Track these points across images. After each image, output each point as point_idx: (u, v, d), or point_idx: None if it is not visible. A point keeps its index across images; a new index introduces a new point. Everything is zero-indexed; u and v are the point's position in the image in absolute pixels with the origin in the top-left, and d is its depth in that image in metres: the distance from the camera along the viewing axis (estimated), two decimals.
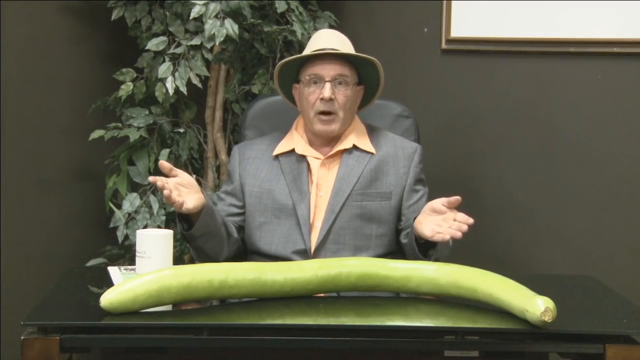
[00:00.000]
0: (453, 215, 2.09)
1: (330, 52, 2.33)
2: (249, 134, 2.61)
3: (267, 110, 2.63)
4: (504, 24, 3.04)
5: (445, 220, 2.09)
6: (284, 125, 2.48)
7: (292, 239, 2.33)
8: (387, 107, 2.59)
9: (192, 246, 2.31)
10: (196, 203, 2.17)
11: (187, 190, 2.16)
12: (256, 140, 2.50)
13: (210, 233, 2.26)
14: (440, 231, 2.08)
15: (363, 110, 2.47)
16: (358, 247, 2.33)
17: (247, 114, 2.64)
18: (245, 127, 2.63)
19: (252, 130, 2.61)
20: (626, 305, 2.00)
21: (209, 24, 2.75)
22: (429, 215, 2.14)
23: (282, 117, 2.54)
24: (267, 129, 2.57)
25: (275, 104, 2.61)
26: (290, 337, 1.78)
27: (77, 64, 3.12)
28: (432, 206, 2.13)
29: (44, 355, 1.71)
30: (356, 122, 2.43)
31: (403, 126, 2.60)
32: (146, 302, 1.79)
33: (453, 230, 2.05)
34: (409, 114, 2.63)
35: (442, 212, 2.11)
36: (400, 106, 2.64)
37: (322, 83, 2.32)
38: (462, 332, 1.79)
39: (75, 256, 3.06)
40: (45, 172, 3.09)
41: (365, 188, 2.36)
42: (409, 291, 1.97)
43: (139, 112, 2.96)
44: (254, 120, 2.63)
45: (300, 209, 2.33)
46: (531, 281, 1.86)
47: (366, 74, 2.39)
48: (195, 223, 2.21)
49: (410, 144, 2.46)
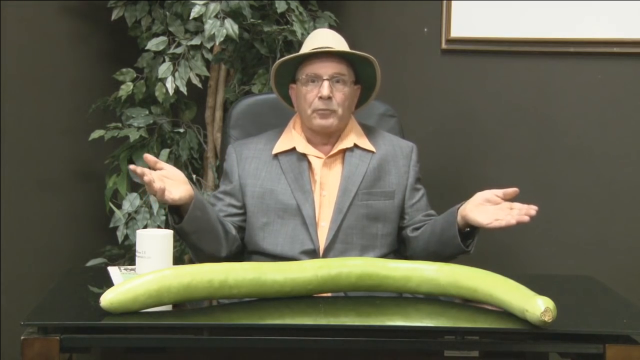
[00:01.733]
0: (508, 205, 2.13)
1: (328, 50, 2.33)
2: (235, 133, 2.59)
3: (251, 110, 2.62)
4: (504, 24, 3.04)
5: (501, 209, 2.13)
6: (270, 125, 2.48)
7: (298, 239, 2.33)
8: (371, 106, 2.58)
9: (187, 244, 2.29)
10: (182, 194, 2.13)
11: (172, 182, 2.13)
12: (251, 139, 2.48)
13: (204, 229, 2.24)
14: (498, 218, 2.11)
15: (359, 110, 2.47)
16: (365, 247, 2.34)
17: (232, 114, 2.62)
18: (231, 126, 2.61)
19: (237, 130, 2.59)
20: (626, 305, 2.00)
21: (209, 24, 2.76)
22: (481, 204, 2.16)
23: (266, 117, 2.55)
24: (252, 129, 2.56)
25: (259, 104, 2.61)
26: (290, 337, 1.78)
27: (77, 64, 3.13)
28: (485, 196, 2.16)
29: (44, 355, 1.70)
30: (353, 122, 2.43)
31: (388, 125, 2.60)
32: (146, 302, 1.79)
33: (519, 216, 2.08)
34: (393, 113, 2.64)
35: (496, 203, 2.14)
36: (384, 105, 2.64)
37: (319, 81, 2.32)
38: (462, 332, 1.79)
39: (75, 256, 3.06)
40: (45, 172, 3.09)
41: (370, 187, 2.36)
42: (409, 291, 1.97)
43: (139, 112, 2.96)
44: (238, 120, 2.61)
45: (306, 208, 2.33)
46: (531, 281, 1.86)
47: (363, 73, 2.39)
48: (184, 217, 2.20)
49: (406, 142, 2.47)
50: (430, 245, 2.30)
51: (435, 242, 2.29)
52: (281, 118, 2.48)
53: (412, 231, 2.39)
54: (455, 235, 2.21)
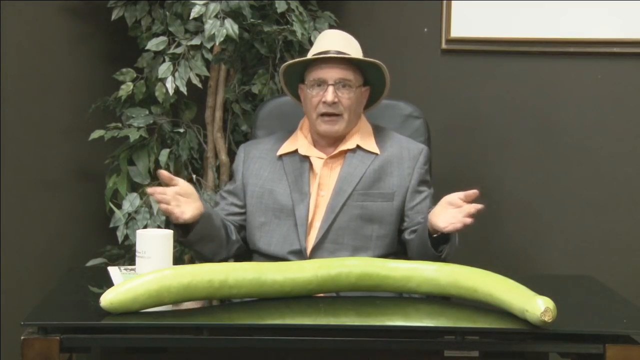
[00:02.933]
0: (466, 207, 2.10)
1: (333, 55, 2.32)
2: (260, 134, 2.61)
3: (278, 111, 2.64)
4: (504, 24, 3.04)
5: (461, 212, 2.10)
6: (295, 126, 2.48)
7: (289, 239, 2.33)
8: (397, 108, 2.60)
9: (191, 249, 2.32)
10: (194, 212, 2.19)
11: (186, 200, 2.17)
12: (262, 139, 2.51)
13: (208, 237, 2.27)
14: (453, 222, 2.09)
15: (370, 110, 2.47)
16: (357, 248, 2.33)
17: (258, 115, 2.65)
18: (257, 127, 2.63)
19: (262, 130, 2.63)
20: (626, 305, 2.00)
21: (209, 24, 2.75)
22: (445, 208, 2.14)
23: (292, 118, 2.54)
24: (277, 129, 2.57)
25: (285, 105, 2.61)
26: (290, 337, 1.78)
27: (77, 64, 3.12)
28: (448, 199, 2.14)
29: (44, 355, 1.71)
30: (362, 123, 2.43)
31: (413, 127, 2.60)
32: (146, 302, 1.79)
33: (462, 218, 2.07)
34: (419, 115, 2.63)
35: (458, 205, 2.11)
36: (411, 106, 2.63)
37: (325, 86, 2.32)
38: (462, 332, 1.79)
39: (75, 256, 3.06)
40: (45, 172, 3.09)
41: (367, 188, 2.36)
42: (409, 291, 1.97)
43: (139, 112, 2.96)
44: (264, 120, 2.64)
45: (299, 209, 2.33)
46: (531, 281, 1.86)
47: (371, 75, 2.39)
48: (192, 230, 2.22)
49: (417, 145, 2.46)
50: (419, 248, 2.27)
51: (419, 246, 2.26)
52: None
53: (409, 234, 2.36)
54: (426, 239, 2.20)
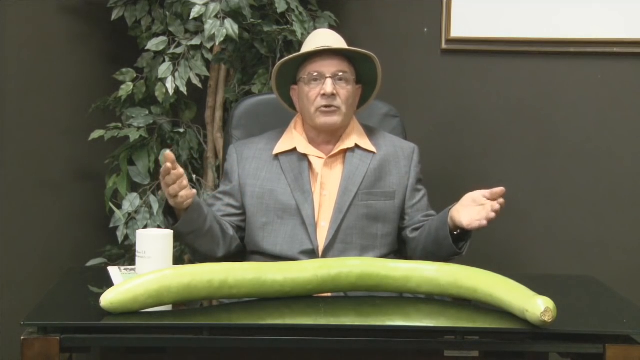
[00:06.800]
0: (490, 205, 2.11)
1: (330, 48, 2.33)
2: (237, 134, 2.59)
3: (254, 111, 2.62)
4: (504, 24, 3.04)
5: (485, 209, 2.11)
6: (272, 125, 2.48)
7: (297, 239, 2.33)
8: (374, 107, 2.58)
9: (184, 243, 2.30)
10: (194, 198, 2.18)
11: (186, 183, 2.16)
12: (252, 139, 2.49)
13: (200, 230, 2.25)
14: (478, 219, 2.11)
15: (361, 111, 2.47)
16: (365, 247, 2.34)
17: (234, 114, 2.62)
18: (233, 127, 2.61)
19: (239, 130, 2.60)
20: (626, 305, 2.00)
21: (209, 24, 2.76)
22: (468, 205, 2.15)
23: (268, 117, 2.55)
24: (254, 129, 2.56)
25: (260, 105, 2.61)
26: (290, 337, 1.78)
27: (77, 64, 3.12)
28: (472, 197, 2.15)
29: (44, 355, 1.71)
30: (354, 122, 2.43)
31: (390, 125, 2.61)
32: (146, 302, 1.79)
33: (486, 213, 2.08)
34: (396, 114, 2.64)
35: (481, 203, 2.13)
36: (387, 106, 2.64)
37: (322, 79, 2.32)
38: (462, 332, 1.79)
39: (75, 256, 3.06)
40: (45, 172, 3.09)
41: (370, 187, 2.36)
42: (409, 291, 1.97)
43: (139, 112, 2.96)
44: (241, 119, 2.61)
45: (305, 209, 2.33)
46: (531, 281, 1.86)
47: (364, 71, 2.39)
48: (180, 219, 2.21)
49: (408, 144, 2.48)
50: (428, 246, 2.30)
51: (431, 243, 2.29)
52: (283, 118, 2.48)
53: (412, 232, 2.39)
54: (447, 236, 2.21)
